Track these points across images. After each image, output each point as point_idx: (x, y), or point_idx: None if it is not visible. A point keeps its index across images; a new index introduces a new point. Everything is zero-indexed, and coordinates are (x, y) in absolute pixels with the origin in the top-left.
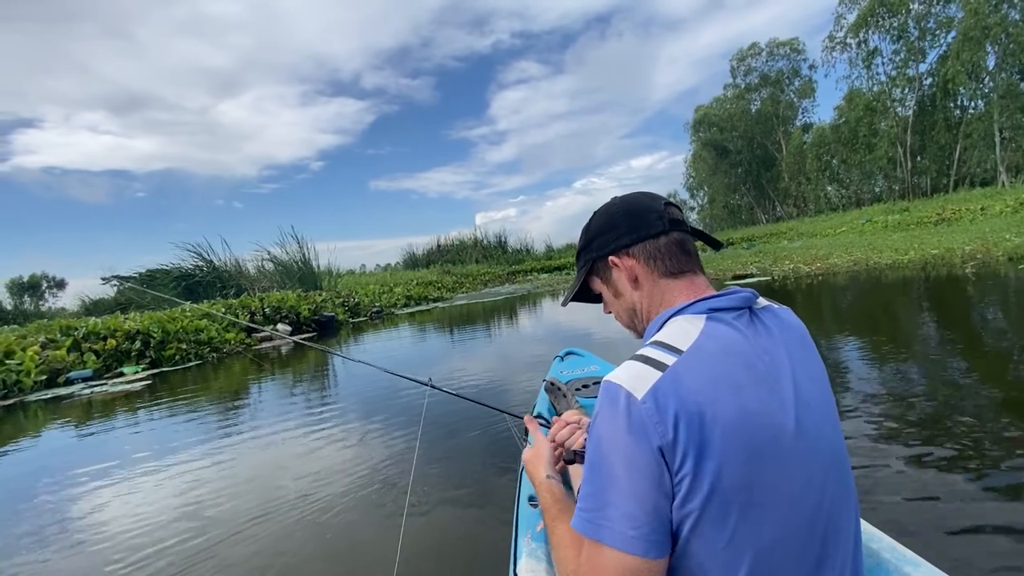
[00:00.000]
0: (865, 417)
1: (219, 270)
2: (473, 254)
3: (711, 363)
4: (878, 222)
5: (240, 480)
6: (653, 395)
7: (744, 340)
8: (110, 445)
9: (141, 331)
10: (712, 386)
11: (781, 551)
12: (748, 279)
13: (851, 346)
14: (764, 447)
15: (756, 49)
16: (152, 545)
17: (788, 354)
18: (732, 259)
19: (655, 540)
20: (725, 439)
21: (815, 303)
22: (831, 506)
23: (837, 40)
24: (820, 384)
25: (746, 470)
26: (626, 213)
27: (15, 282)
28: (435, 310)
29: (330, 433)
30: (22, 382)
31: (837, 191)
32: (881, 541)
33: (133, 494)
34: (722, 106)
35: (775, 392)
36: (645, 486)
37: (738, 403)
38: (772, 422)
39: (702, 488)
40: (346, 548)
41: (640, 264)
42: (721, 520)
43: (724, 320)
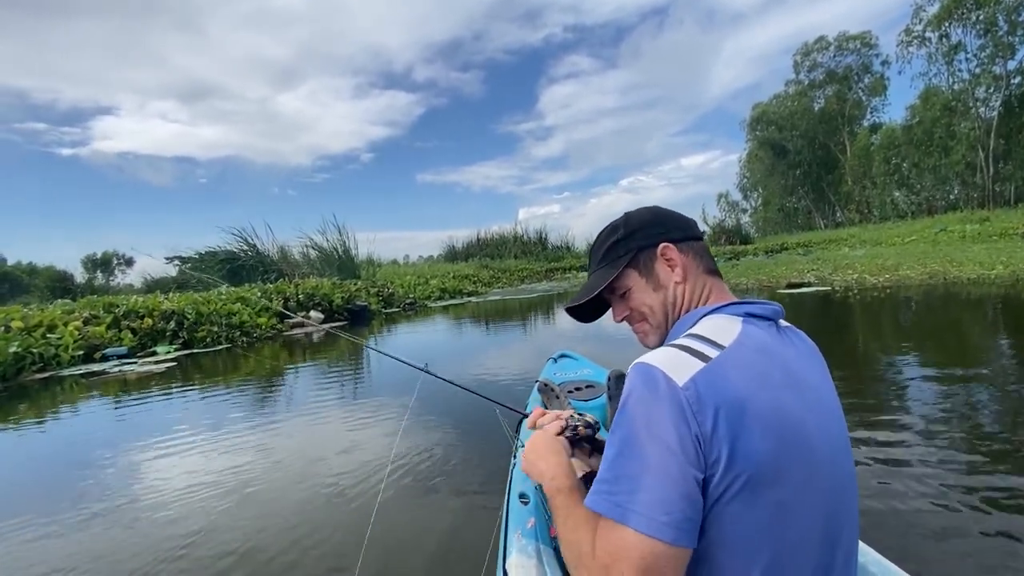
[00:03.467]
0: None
1: (262, 255)
2: (512, 249)
3: (752, 360)
4: (954, 232)
5: (255, 461)
6: (695, 383)
7: (777, 346)
8: (135, 422)
9: (176, 312)
10: (753, 382)
11: (797, 554)
12: (805, 288)
13: (934, 372)
14: (797, 446)
15: (823, 43)
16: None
17: (812, 369)
18: (787, 266)
19: (686, 528)
20: (762, 433)
21: (885, 318)
22: (841, 517)
23: (915, 34)
24: (836, 403)
25: (778, 466)
26: (669, 216)
27: (89, 258)
28: (469, 304)
29: (334, 418)
30: (60, 356)
31: (906, 197)
32: (867, 555)
33: (151, 469)
34: (782, 103)
35: (806, 398)
36: (682, 472)
37: (776, 401)
38: (804, 424)
39: (735, 480)
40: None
41: (689, 258)
42: (747, 514)
43: (758, 325)
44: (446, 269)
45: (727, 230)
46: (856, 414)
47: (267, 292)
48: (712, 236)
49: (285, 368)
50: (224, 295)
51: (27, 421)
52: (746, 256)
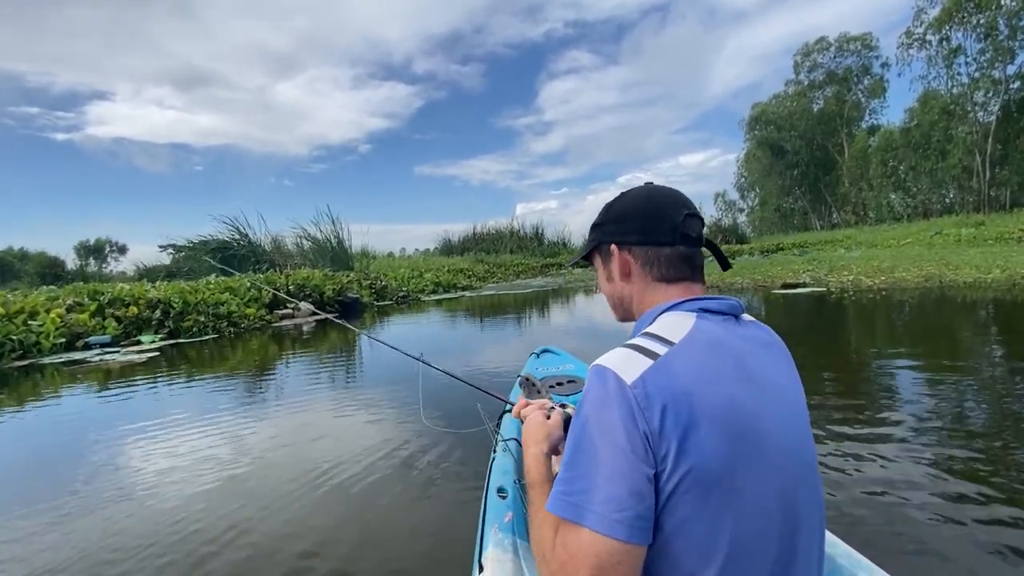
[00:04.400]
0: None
1: (254, 244)
2: (508, 244)
3: (702, 355)
4: (950, 235)
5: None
6: (643, 381)
7: (733, 341)
8: (114, 412)
9: (162, 301)
10: (702, 376)
11: (756, 547)
12: (800, 289)
13: (932, 375)
14: (748, 439)
15: (824, 44)
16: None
17: (773, 362)
18: (782, 266)
19: (639, 526)
20: (711, 427)
21: (881, 321)
22: (802, 510)
23: (915, 36)
24: (798, 395)
25: (729, 460)
26: (644, 215)
27: (82, 244)
28: (462, 299)
29: (317, 409)
30: (40, 344)
31: (902, 199)
32: (837, 547)
33: (131, 458)
34: (782, 103)
35: (760, 391)
36: (631, 470)
37: (727, 393)
38: (756, 418)
39: (685, 475)
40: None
41: (637, 264)
42: (701, 509)
43: (713, 320)
44: (441, 263)
45: (724, 229)
46: (849, 413)
47: (256, 282)
48: (708, 235)
49: (272, 360)
50: (212, 284)
51: (4, 409)
52: (742, 256)
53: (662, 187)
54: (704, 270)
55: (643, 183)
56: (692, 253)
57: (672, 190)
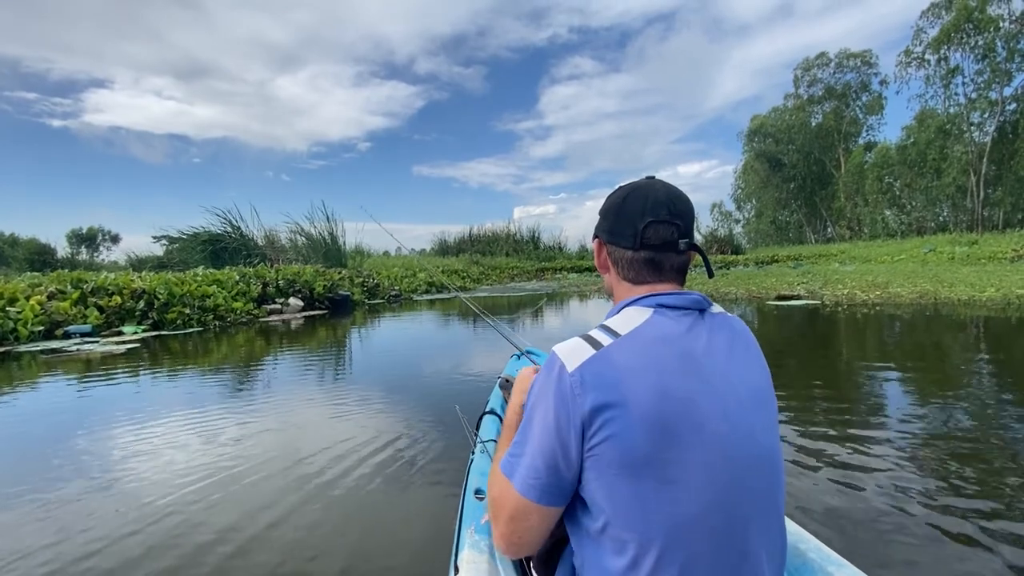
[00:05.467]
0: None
1: (246, 238)
2: (504, 247)
3: (644, 348)
4: (943, 253)
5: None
6: (581, 370)
7: (683, 333)
8: (86, 403)
9: (147, 291)
10: (638, 366)
11: (695, 533)
12: (794, 301)
13: (924, 392)
14: (681, 428)
15: (824, 59)
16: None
17: (729, 355)
18: (777, 277)
19: (549, 493)
20: (637, 413)
21: (875, 335)
22: (754, 502)
23: (914, 55)
24: (759, 388)
25: (655, 445)
26: (614, 216)
27: (75, 232)
28: (455, 300)
29: (298, 408)
30: (18, 331)
31: (896, 216)
32: (808, 542)
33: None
34: (780, 117)
35: (705, 383)
36: (551, 448)
37: (660, 384)
38: (695, 408)
39: (611, 456)
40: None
41: (610, 260)
42: (634, 490)
43: (669, 315)
44: (436, 263)
45: (719, 239)
46: (841, 425)
47: (246, 276)
48: (704, 245)
49: (256, 355)
50: (200, 276)
51: None
52: (737, 266)
53: (645, 186)
54: (686, 272)
55: (644, 176)
56: (656, 258)
57: (653, 191)
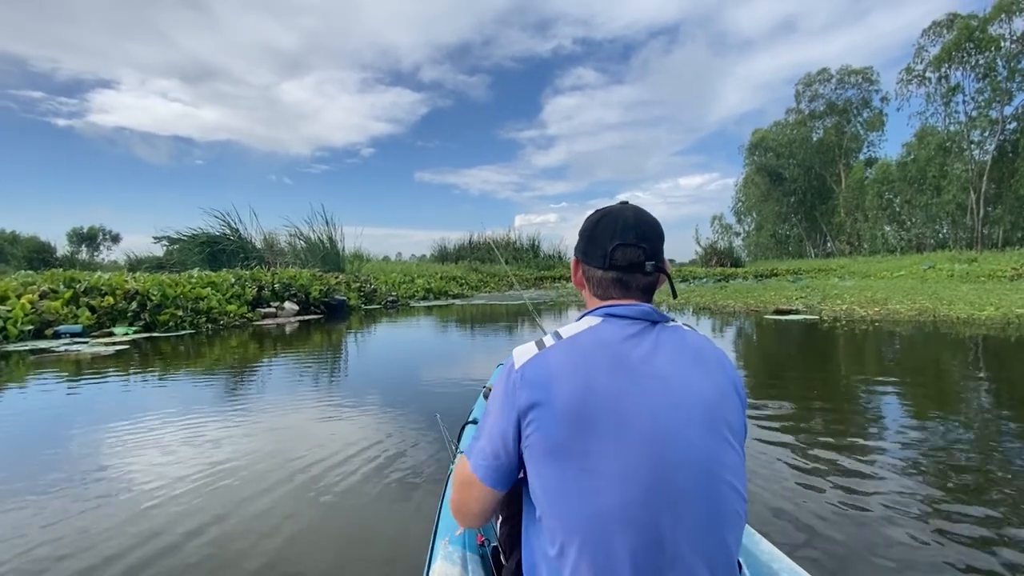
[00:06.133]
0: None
1: (244, 240)
2: (504, 254)
3: (578, 350)
4: (943, 270)
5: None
6: (523, 368)
7: (624, 339)
8: (70, 406)
9: (140, 292)
10: (569, 366)
11: (616, 527)
12: (792, 315)
13: (922, 410)
14: (602, 421)
15: (825, 75)
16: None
17: (672, 363)
18: (776, 291)
19: (492, 476)
20: (565, 408)
21: (874, 351)
22: (688, 505)
23: (915, 73)
24: (702, 396)
25: (579, 436)
26: (588, 238)
27: (76, 232)
28: (453, 307)
29: (282, 412)
30: (7, 330)
31: (896, 232)
32: (780, 561)
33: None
34: (782, 131)
35: (635, 384)
36: (496, 434)
37: (585, 381)
38: (620, 405)
39: (538, 444)
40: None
41: (584, 278)
42: (560, 479)
43: (616, 323)
44: (434, 269)
45: (719, 252)
46: (836, 440)
47: (241, 278)
48: (704, 257)
49: (246, 358)
50: (195, 278)
51: None
52: (736, 279)
53: (616, 211)
54: (653, 292)
55: (619, 201)
56: (624, 278)
57: (623, 215)
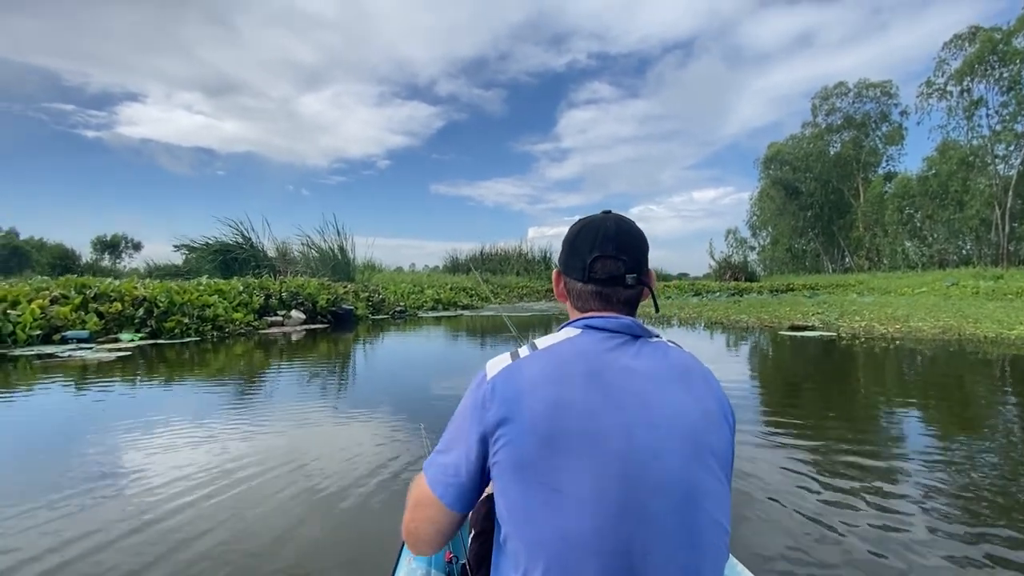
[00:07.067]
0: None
1: (256, 248)
2: (515, 266)
3: (553, 361)
4: (967, 287)
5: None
6: (494, 380)
7: (601, 353)
8: (70, 411)
9: (148, 299)
10: (541, 378)
11: (586, 550)
12: (808, 332)
13: (948, 434)
14: (573, 438)
15: (843, 89)
16: None
17: (653, 380)
18: (792, 307)
19: (452, 493)
20: (533, 421)
21: (895, 371)
22: (661, 532)
23: (936, 86)
24: (685, 416)
25: (547, 453)
26: (567, 249)
27: (99, 239)
28: (461, 318)
29: (271, 419)
30: (16, 334)
31: (917, 248)
32: (736, 568)
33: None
34: (798, 145)
35: (610, 400)
36: (459, 448)
37: (557, 395)
38: (593, 422)
39: (505, 458)
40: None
41: (566, 289)
42: (525, 498)
43: (594, 336)
44: (444, 280)
45: (733, 266)
46: (855, 463)
47: (249, 287)
48: (718, 271)
49: (248, 367)
50: (202, 286)
51: None
52: (751, 294)
53: (597, 222)
54: (635, 305)
55: (600, 212)
56: (604, 292)
57: (604, 226)
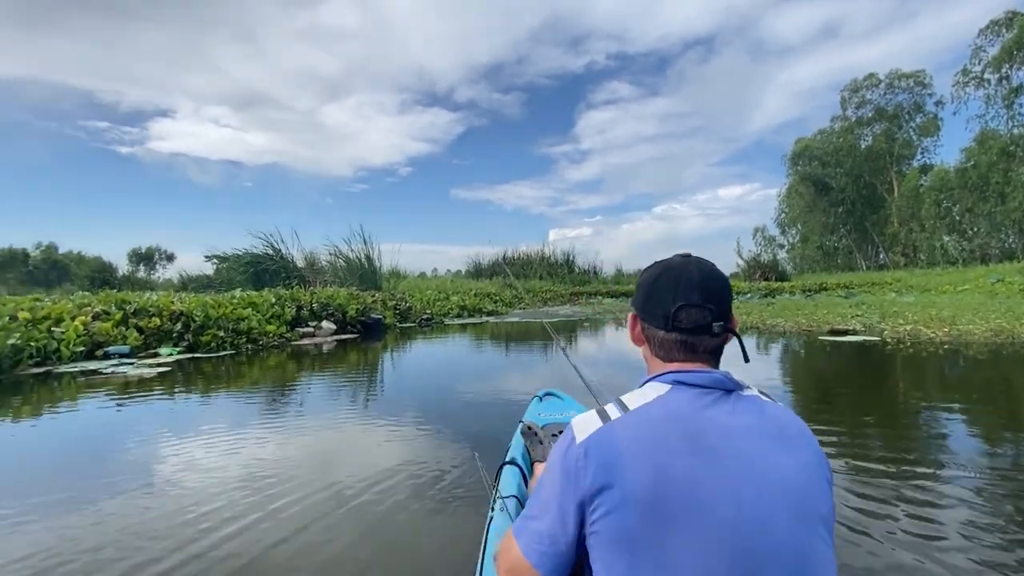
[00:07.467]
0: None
1: (285, 260)
2: (538, 270)
3: (650, 424)
4: (1013, 283)
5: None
6: (587, 442)
7: (696, 412)
8: (117, 425)
9: (185, 313)
10: (639, 444)
11: None
12: (850, 336)
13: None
14: (680, 510)
15: (873, 80)
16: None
17: (753, 439)
18: (828, 308)
19: (549, 563)
20: (635, 493)
21: (951, 381)
22: None
23: (972, 75)
24: (790, 479)
25: (654, 527)
26: (646, 295)
27: (135, 252)
28: (487, 324)
29: (316, 430)
30: (60, 351)
31: (956, 242)
32: None
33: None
34: (827, 139)
35: (713, 467)
36: (553, 516)
37: (659, 463)
38: (699, 490)
39: (611, 537)
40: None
41: (644, 335)
42: (631, 571)
43: (687, 393)
44: (468, 286)
45: (763, 265)
46: (917, 490)
47: (281, 298)
48: (747, 271)
49: (288, 378)
50: (236, 299)
51: (19, 417)
52: (782, 294)
53: (677, 267)
54: (720, 353)
55: (679, 254)
56: (689, 340)
57: (686, 272)
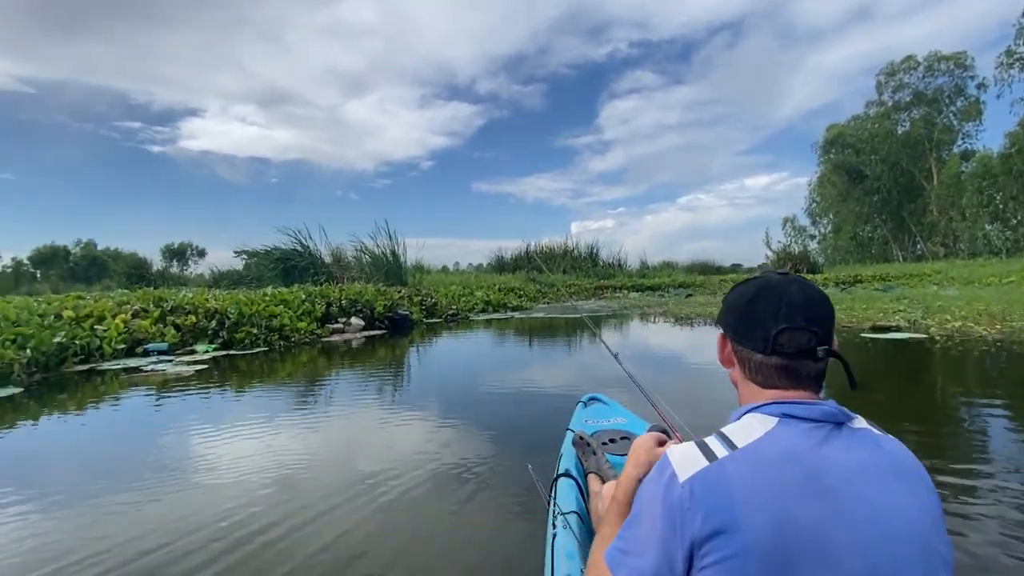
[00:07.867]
0: None
1: (313, 256)
2: (561, 263)
3: (763, 466)
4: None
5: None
6: (692, 482)
7: (811, 451)
8: (161, 419)
9: (219, 310)
10: (754, 487)
11: None
12: (894, 333)
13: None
14: (806, 563)
15: (911, 63)
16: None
17: (873, 479)
18: (866, 302)
19: None
20: (756, 544)
21: (1011, 384)
22: None
23: (1017, 55)
24: (914, 521)
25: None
26: (740, 315)
27: (168, 248)
28: (512, 320)
29: (358, 426)
30: (103, 349)
31: (1000, 232)
32: None
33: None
34: (862, 125)
35: (838, 511)
36: (657, 558)
37: (780, 510)
38: (825, 540)
39: None
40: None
41: (736, 357)
42: None
43: (796, 427)
44: (492, 280)
45: (793, 256)
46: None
47: (311, 295)
48: (776, 262)
49: (321, 373)
50: (268, 296)
51: (67, 413)
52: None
53: (777, 286)
54: (823, 380)
55: (777, 272)
56: (791, 366)
57: (787, 293)
